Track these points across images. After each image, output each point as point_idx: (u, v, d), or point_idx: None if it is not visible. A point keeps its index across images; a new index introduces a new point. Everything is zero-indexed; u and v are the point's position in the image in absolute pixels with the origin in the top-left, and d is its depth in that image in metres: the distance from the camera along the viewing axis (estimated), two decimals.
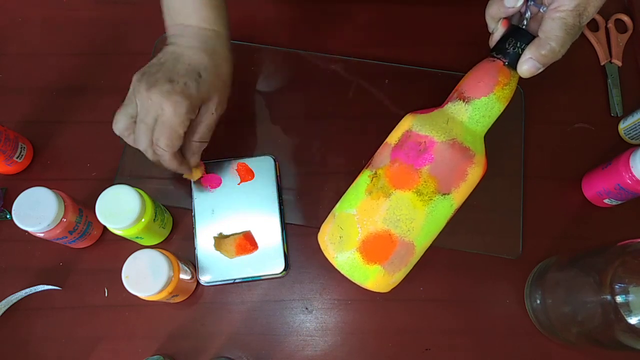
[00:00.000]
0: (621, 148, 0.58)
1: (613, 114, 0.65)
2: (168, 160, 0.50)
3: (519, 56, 0.43)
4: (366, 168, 0.48)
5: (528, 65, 0.43)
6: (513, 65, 0.44)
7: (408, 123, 0.46)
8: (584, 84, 0.67)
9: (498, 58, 0.44)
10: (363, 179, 0.47)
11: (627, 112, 0.64)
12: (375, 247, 0.45)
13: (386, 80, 0.65)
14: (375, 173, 0.46)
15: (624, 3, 0.70)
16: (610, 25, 0.68)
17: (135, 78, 0.49)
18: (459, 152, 0.44)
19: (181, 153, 0.52)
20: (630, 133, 0.63)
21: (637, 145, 0.63)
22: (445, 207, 0.46)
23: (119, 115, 0.50)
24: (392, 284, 0.48)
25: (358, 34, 0.68)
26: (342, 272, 0.47)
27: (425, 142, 0.44)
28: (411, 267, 0.48)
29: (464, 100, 0.45)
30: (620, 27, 0.69)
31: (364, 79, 0.65)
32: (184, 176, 0.55)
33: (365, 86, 0.65)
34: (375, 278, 0.46)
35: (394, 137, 0.47)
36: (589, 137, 0.64)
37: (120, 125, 0.50)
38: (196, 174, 0.56)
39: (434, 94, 0.50)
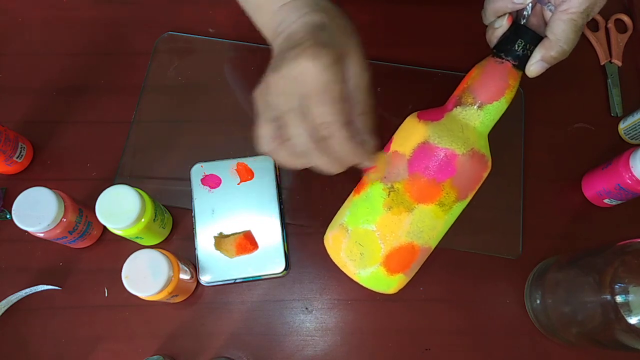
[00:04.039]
0: (621, 148, 0.58)
1: (613, 114, 0.65)
2: (343, 138, 0.38)
3: (527, 58, 0.43)
4: (377, 179, 0.46)
5: (537, 66, 0.43)
6: (521, 67, 0.44)
7: (422, 133, 0.44)
8: (584, 84, 0.67)
9: (507, 60, 0.43)
10: (377, 192, 0.45)
11: (627, 112, 0.64)
12: (399, 259, 0.46)
13: (378, 88, 0.65)
14: (392, 187, 0.45)
15: (624, 3, 0.70)
16: (610, 25, 0.68)
17: (258, 88, 0.40)
18: (478, 161, 0.45)
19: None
20: (630, 133, 0.63)
21: (637, 145, 0.63)
22: (460, 210, 0.47)
23: (259, 129, 0.40)
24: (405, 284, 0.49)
25: (359, 34, 0.68)
26: (365, 286, 0.47)
27: (447, 155, 0.43)
28: None
29: (476, 105, 0.44)
30: (620, 27, 0.69)
31: None
32: (364, 168, 0.44)
33: None
34: (397, 285, 0.47)
35: (406, 148, 0.45)
36: (589, 137, 0.64)
37: (264, 138, 0.40)
38: (381, 161, 0.44)
39: (433, 93, 0.50)
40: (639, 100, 0.66)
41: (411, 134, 0.45)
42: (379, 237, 0.45)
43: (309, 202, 0.60)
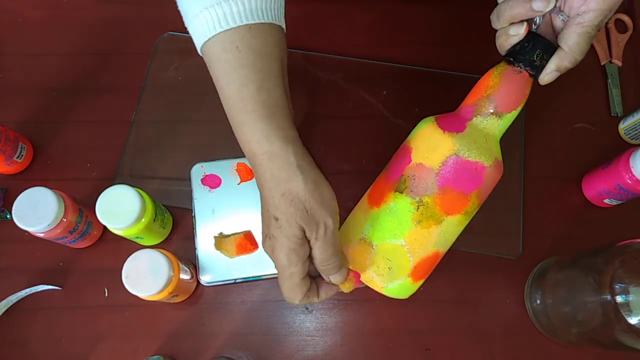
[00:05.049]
0: (621, 148, 0.58)
1: (613, 114, 0.65)
2: (300, 302, 0.44)
3: (543, 67, 0.43)
4: (401, 193, 0.45)
5: (551, 76, 0.44)
6: (536, 76, 0.44)
7: (450, 146, 0.44)
8: (584, 84, 0.67)
9: (526, 70, 0.43)
10: (404, 207, 0.45)
11: (627, 112, 0.64)
12: (424, 268, 0.47)
13: (384, 91, 0.65)
14: (421, 201, 0.44)
15: (624, 3, 0.70)
16: (610, 25, 0.68)
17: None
18: (499, 169, 0.46)
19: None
20: (630, 133, 0.63)
21: (637, 145, 0.63)
22: (475, 212, 0.48)
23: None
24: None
25: (358, 34, 0.68)
26: (390, 296, 0.47)
27: (477, 168, 0.44)
28: None
29: (496, 114, 0.45)
30: (620, 27, 0.69)
31: (365, 80, 0.65)
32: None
33: (366, 86, 0.65)
34: (417, 288, 0.48)
35: (434, 161, 0.44)
36: (589, 137, 0.64)
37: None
38: (346, 287, 0.46)
39: (437, 95, 0.50)
40: (639, 100, 0.66)
41: (437, 146, 0.45)
42: (408, 251, 0.45)
43: None
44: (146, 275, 0.48)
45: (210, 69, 0.42)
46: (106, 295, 0.57)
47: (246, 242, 0.57)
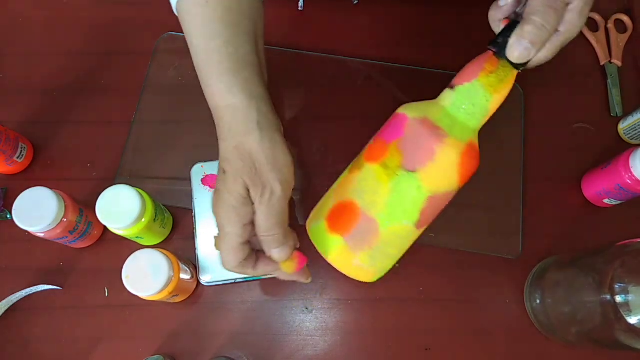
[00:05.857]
0: (621, 148, 0.58)
1: (613, 114, 0.65)
2: (234, 269, 0.43)
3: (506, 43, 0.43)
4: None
5: (516, 47, 0.40)
6: (502, 54, 0.43)
7: (399, 109, 0.47)
8: (584, 84, 0.67)
9: (488, 48, 0.45)
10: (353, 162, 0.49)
11: (627, 112, 0.64)
12: (340, 217, 0.46)
13: (384, 91, 0.65)
14: (360, 154, 0.48)
15: (624, 3, 0.70)
16: (610, 25, 0.68)
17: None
18: (427, 129, 0.44)
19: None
20: (630, 133, 0.63)
21: (636, 145, 0.63)
22: (410, 187, 0.44)
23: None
24: (357, 266, 0.46)
25: (359, 34, 0.68)
26: (311, 238, 0.47)
27: (398, 117, 0.46)
28: (381, 254, 0.46)
29: (450, 87, 0.46)
30: (620, 27, 0.69)
31: (365, 79, 0.65)
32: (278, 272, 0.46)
33: (366, 86, 0.65)
34: (337, 249, 0.46)
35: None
36: (588, 137, 0.64)
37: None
38: (287, 266, 0.45)
39: (434, 94, 0.50)
40: (639, 100, 0.66)
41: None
42: (333, 194, 0.47)
43: (310, 202, 0.60)
44: (146, 275, 0.48)
45: (183, 26, 0.43)
46: (106, 295, 0.57)
47: None
